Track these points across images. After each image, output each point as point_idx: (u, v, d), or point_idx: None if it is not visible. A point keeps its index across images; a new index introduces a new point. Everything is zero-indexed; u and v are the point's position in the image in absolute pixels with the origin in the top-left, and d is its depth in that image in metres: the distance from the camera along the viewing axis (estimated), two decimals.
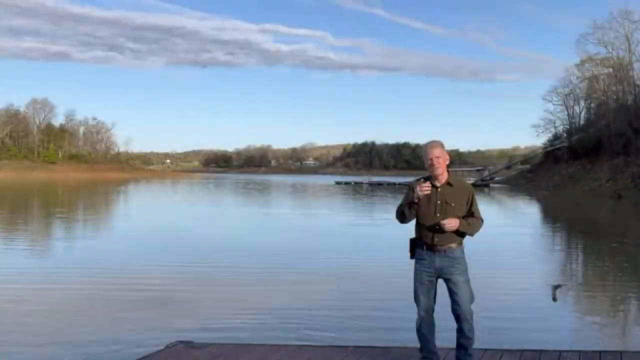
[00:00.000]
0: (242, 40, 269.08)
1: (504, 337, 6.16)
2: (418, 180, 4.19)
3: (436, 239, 4.02)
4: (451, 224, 3.94)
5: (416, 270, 4.16)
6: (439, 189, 4.07)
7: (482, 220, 4.12)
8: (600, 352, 4.74)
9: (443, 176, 4.08)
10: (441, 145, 4.12)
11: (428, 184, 4.02)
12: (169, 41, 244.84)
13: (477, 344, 4.40)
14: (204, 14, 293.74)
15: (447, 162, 4.10)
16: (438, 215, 4.00)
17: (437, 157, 4.03)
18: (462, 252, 4.09)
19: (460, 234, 4.03)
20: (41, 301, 8.05)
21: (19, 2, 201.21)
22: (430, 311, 4.16)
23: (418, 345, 4.30)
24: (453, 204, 4.02)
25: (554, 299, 8.33)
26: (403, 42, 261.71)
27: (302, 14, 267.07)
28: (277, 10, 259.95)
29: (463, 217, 4.04)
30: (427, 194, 4.01)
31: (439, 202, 4.04)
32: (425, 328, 4.17)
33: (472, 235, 4.09)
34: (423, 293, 4.12)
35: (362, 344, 5.34)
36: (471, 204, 4.10)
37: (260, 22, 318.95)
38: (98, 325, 6.82)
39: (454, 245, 4.03)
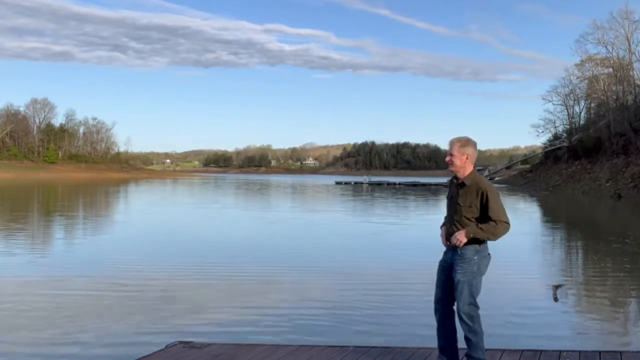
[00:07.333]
0: (245, 40, 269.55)
1: (504, 337, 6.15)
2: (450, 180, 4.27)
3: (447, 236, 4.09)
4: (456, 239, 3.92)
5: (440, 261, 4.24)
6: (457, 187, 4.09)
7: (503, 223, 3.91)
8: (600, 352, 4.73)
9: (461, 174, 4.05)
10: (462, 142, 4.05)
11: (443, 237, 4.14)
12: (172, 41, 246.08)
13: None
14: (208, 14, 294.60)
15: (467, 159, 4.02)
16: (452, 212, 4.06)
17: (452, 156, 4.05)
18: (475, 252, 3.96)
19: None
20: (41, 301, 8.04)
21: (22, 2, 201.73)
22: (439, 302, 4.14)
23: (418, 345, 4.29)
24: (462, 204, 3.98)
25: (555, 299, 8.33)
26: (406, 42, 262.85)
27: (306, 13, 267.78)
28: (280, 10, 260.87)
29: (483, 220, 3.93)
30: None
31: (453, 199, 4.09)
32: (438, 320, 4.17)
33: (490, 240, 3.95)
34: (437, 283, 4.17)
35: (362, 344, 5.34)
36: (486, 206, 3.92)
37: (263, 22, 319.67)
38: (98, 325, 6.81)
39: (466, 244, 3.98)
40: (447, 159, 4.07)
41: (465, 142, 4.05)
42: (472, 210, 3.96)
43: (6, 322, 6.96)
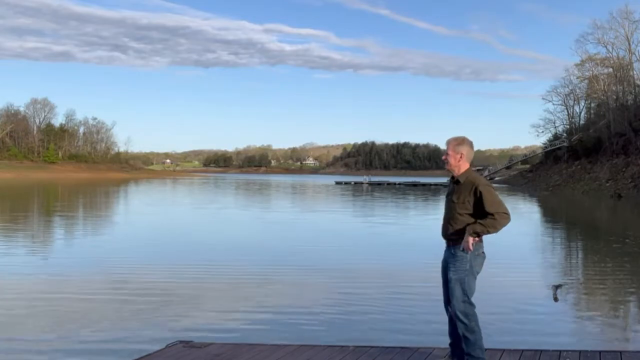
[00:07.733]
0: (246, 40, 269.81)
1: (504, 337, 6.15)
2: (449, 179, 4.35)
3: (442, 233, 4.15)
4: (466, 243, 3.94)
5: None
6: (453, 185, 4.16)
7: (501, 214, 3.88)
8: (600, 352, 4.73)
9: (456, 172, 4.11)
10: (457, 142, 4.14)
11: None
12: (172, 41, 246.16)
13: None
14: (208, 14, 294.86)
15: (461, 158, 4.08)
16: (447, 210, 4.12)
17: (447, 155, 4.14)
18: (465, 250, 4.01)
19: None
20: (41, 300, 8.04)
21: (22, 2, 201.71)
22: (446, 303, 4.18)
23: (418, 345, 4.30)
24: (455, 201, 4.05)
25: (555, 299, 8.32)
26: (406, 42, 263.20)
27: (306, 13, 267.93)
28: (281, 10, 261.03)
29: (482, 217, 3.94)
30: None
31: (449, 197, 4.16)
32: (448, 318, 4.18)
33: (491, 232, 3.91)
34: (442, 283, 4.20)
35: (362, 344, 5.34)
36: (481, 202, 3.93)
37: (264, 22, 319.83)
38: (98, 324, 6.81)
39: (457, 242, 4.05)
40: (443, 157, 4.17)
41: (461, 141, 4.12)
42: (465, 207, 4.01)
43: (6, 323, 6.96)
